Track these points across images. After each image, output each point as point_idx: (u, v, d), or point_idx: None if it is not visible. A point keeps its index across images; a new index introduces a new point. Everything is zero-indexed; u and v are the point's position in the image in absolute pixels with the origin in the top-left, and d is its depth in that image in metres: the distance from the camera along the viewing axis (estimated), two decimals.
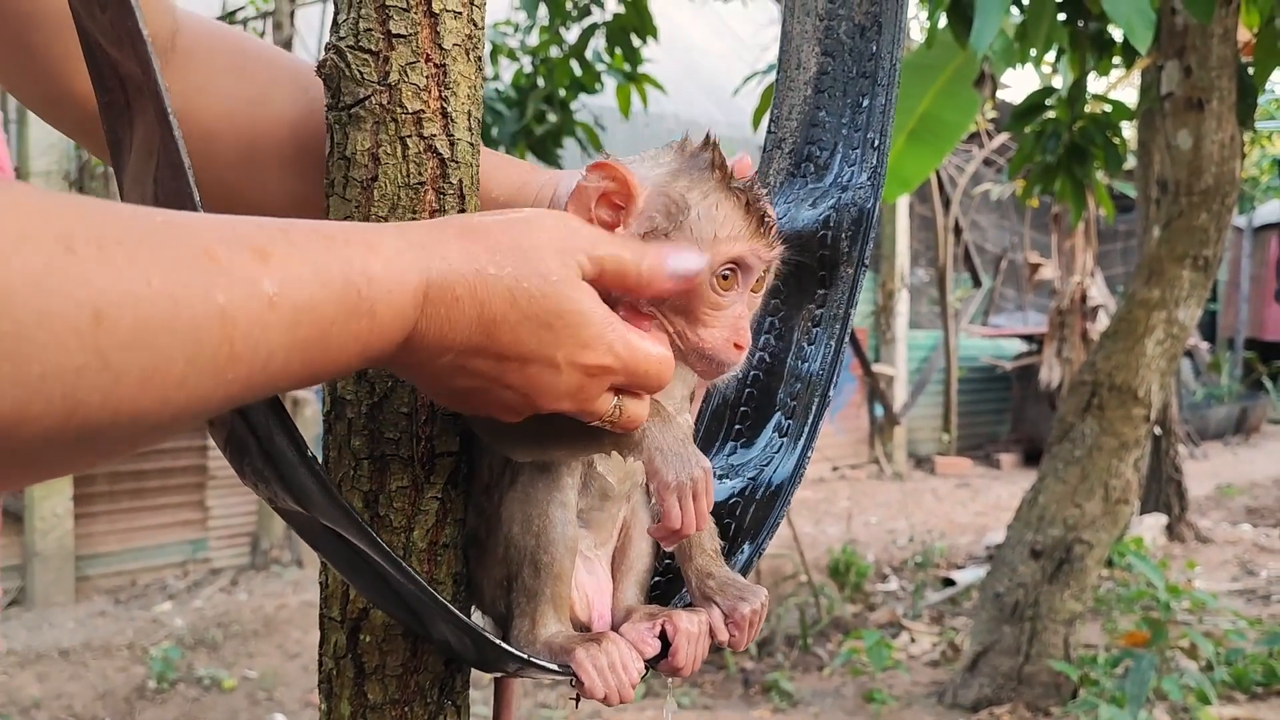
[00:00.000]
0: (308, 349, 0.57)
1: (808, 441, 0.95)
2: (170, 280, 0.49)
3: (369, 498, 0.82)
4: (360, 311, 0.59)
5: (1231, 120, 3.66)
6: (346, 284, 0.58)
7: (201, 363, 0.51)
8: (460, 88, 0.82)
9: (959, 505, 8.59)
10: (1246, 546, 6.77)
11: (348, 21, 0.80)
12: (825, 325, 0.98)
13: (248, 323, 0.53)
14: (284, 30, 6.03)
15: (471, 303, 0.64)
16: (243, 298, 0.53)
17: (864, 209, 0.98)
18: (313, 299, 0.57)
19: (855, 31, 1.03)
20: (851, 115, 1.02)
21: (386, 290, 0.60)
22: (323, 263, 0.58)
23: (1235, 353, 14.19)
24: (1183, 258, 3.79)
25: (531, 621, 0.82)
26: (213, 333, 0.51)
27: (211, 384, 0.52)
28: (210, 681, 4.57)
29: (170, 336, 0.49)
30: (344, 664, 0.85)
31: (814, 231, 1.00)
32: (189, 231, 0.53)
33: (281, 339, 0.55)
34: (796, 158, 1.05)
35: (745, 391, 1.01)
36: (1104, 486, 3.93)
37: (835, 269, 0.99)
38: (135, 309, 0.47)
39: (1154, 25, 2.65)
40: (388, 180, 0.80)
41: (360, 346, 0.61)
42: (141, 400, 0.48)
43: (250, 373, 0.54)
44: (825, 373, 0.97)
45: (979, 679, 4.06)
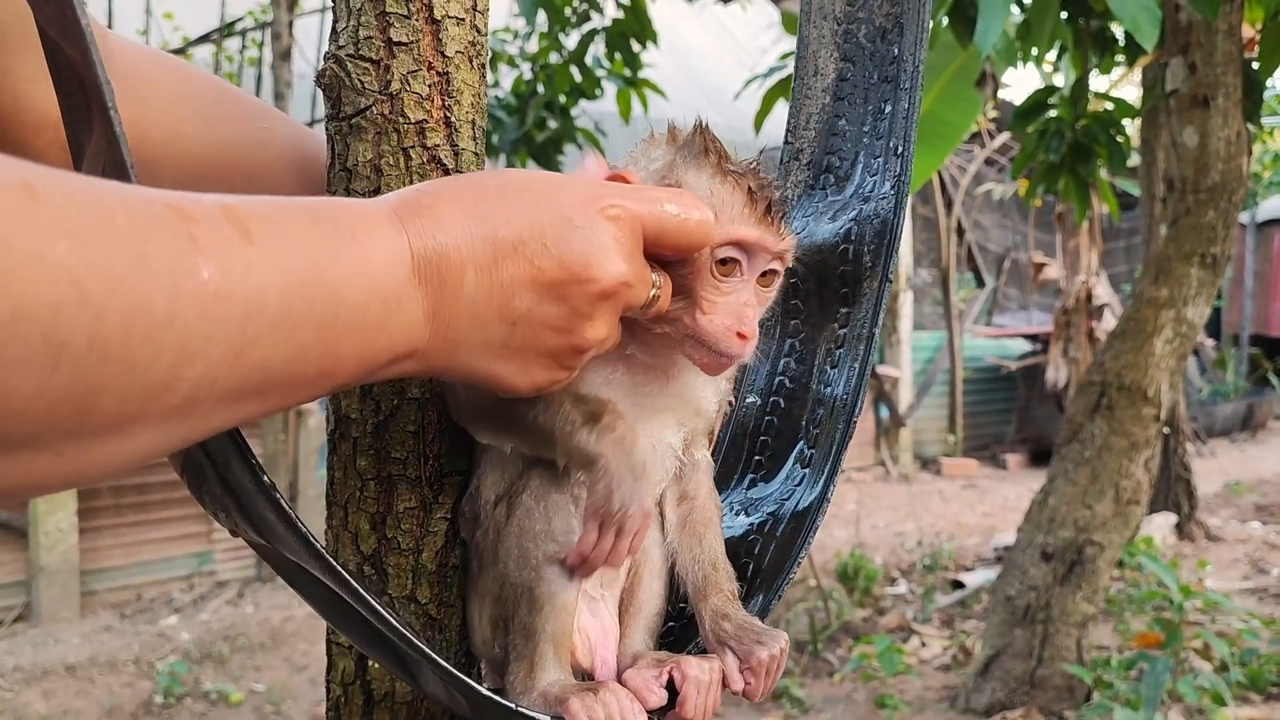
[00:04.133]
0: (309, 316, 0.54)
1: (831, 472, 0.89)
2: (139, 216, 0.47)
3: (376, 519, 0.80)
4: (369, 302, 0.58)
5: (1237, 116, 3.63)
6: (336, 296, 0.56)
7: (184, 301, 0.47)
8: (464, 96, 0.80)
9: (966, 507, 8.55)
10: (1257, 544, 6.73)
11: (347, 29, 0.78)
12: (849, 346, 0.93)
13: (226, 259, 0.50)
14: (283, 40, 6.02)
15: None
16: (218, 242, 0.50)
17: (887, 220, 0.93)
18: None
19: (876, 35, 0.99)
20: (873, 122, 0.97)
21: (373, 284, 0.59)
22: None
23: (1240, 349, 14.13)
24: (1190, 256, 3.76)
25: (529, 666, 0.76)
26: (190, 261, 0.48)
27: (202, 330, 0.48)
28: (217, 696, 4.54)
29: (145, 270, 0.45)
30: (352, 690, 0.83)
31: (834, 246, 0.95)
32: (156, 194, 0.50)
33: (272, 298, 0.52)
34: (815, 169, 1.00)
35: (765, 419, 0.95)
36: (1115, 487, 3.89)
37: (858, 285, 0.94)
38: (105, 241, 0.44)
39: (1159, 22, 2.63)
40: (390, 192, 0.78)
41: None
42: (131, 345, 0.45)
43: (241, 319, 0.50)
44: (850, 396, 0.91)
45: (991, 683, 4.03)
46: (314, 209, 0.58)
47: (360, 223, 0.59)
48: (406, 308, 0.60)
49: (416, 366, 0.63)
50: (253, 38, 7.04)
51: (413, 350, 0.61)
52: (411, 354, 0.61)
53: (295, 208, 0.57)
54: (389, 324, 0.59)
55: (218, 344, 0.49)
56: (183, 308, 0.47)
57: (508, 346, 0.64)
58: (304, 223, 0.56)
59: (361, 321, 0.57)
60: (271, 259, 0.52)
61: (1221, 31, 3.54)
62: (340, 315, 0.56)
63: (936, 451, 10.83)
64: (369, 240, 0.59)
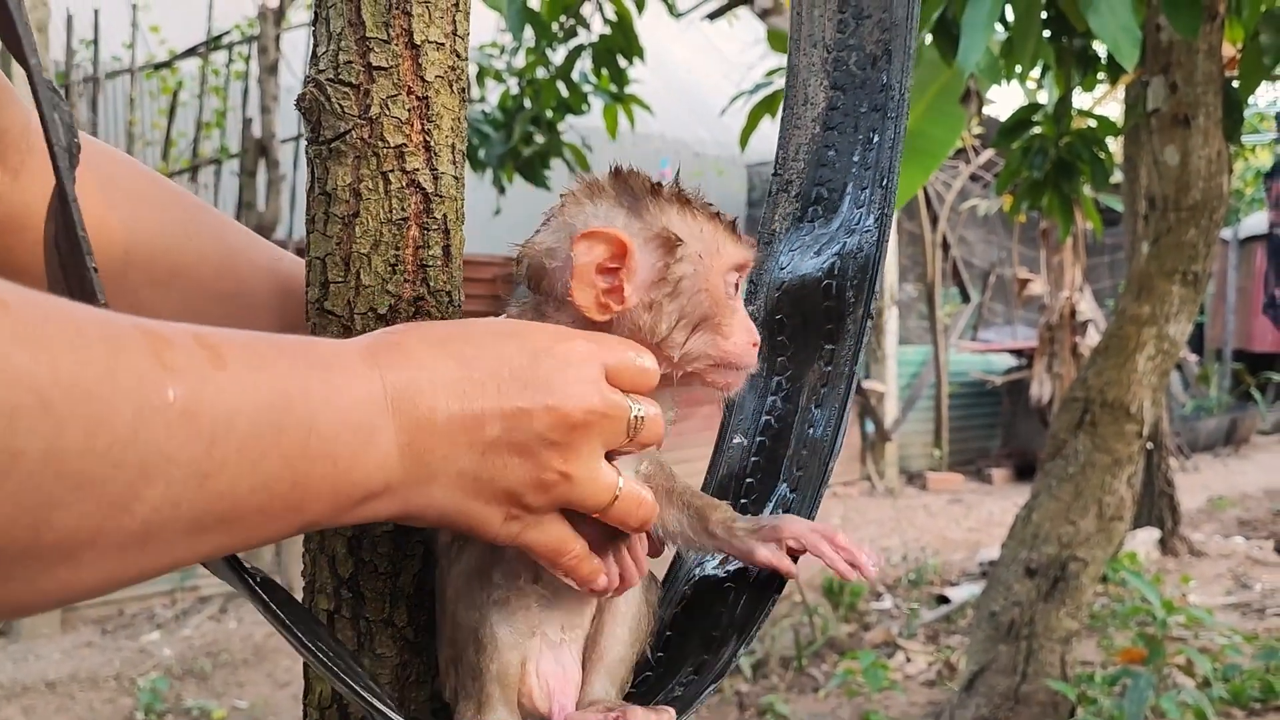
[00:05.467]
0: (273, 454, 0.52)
1: (808, 513, 0.87)
2: (108, 333, 0.46)
3: (352, 543, 0.80)
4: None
5: (1218, 136, 3.67)
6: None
7: (149, 418, 0.45)
8: (443, 120, 0.80)
9: (952, 521, 8.56)
10: (1240, 559, 6.76)
11: (327, 54, 0.78)
12: (832, 384, 0.91)
13: (195, 384, 0.48)
14: (269, 54, 6.02)
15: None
16: (188, 363, 0.49)
17: (870, 255, 0.92)
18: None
19: (866, 62, 0.97)
20: (863, 152, 0.96)
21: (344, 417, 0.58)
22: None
23: (1223, 364, 14.23)
24: (1172, 273, 3.79)
25: (476, 707, 0.75)
26: (157, 379, 0.46)
27: (166, 449, 0.46)
28: (199, 712, 4.51)
29: (111, 384, 0.44)
30: (329, 714, 0.82)
31: (818, 281, 0.94)
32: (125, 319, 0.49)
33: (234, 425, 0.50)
34: (804, 201, 0.99)
35: (751, 460, 0.93)
36: (1098, 503, 3.91)
37: (841, 321, 0.92)
38: (72, 353, 0.43)
39: (1140, 43, 2.65)
40: (370, 216, 0.78)
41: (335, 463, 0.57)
42: (89, 459, 0.43)
43: (210, 443, 0.48)
44: (830, 437, 0.89)
45: (976, 699, 4.03)
46: (287, 342, 0.58)
47: (333, 355, 0.59)
48: (379, 440, 0.58)
49: (391, 506, 0.61)
50: (239, 51, 7.04)
51: (386, 485, 0.60)
52: (385, 489, 0.60)
53: (267, 339, 0.56)
54: (361, 456, 0.58)
55: (181, 465, 0.47)
56: (147, 425, 0.45)
57: (479, 479, 0.63)
58: (276, 352, 0.55)
59: (333, 452, 0.56)
60: (242, 384, 0.51)
61: (1202, 51, 3.57)
62: (311, 444, 0.54)
63: (922, 466, 10.85)
64: (342, 371, 0.58)
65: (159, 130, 7.01)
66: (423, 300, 0.79)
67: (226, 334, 0.53)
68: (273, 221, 6.06)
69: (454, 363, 0.63)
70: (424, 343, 0.63)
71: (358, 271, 0.78)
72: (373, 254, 0.78)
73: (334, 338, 0.78)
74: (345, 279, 0.78)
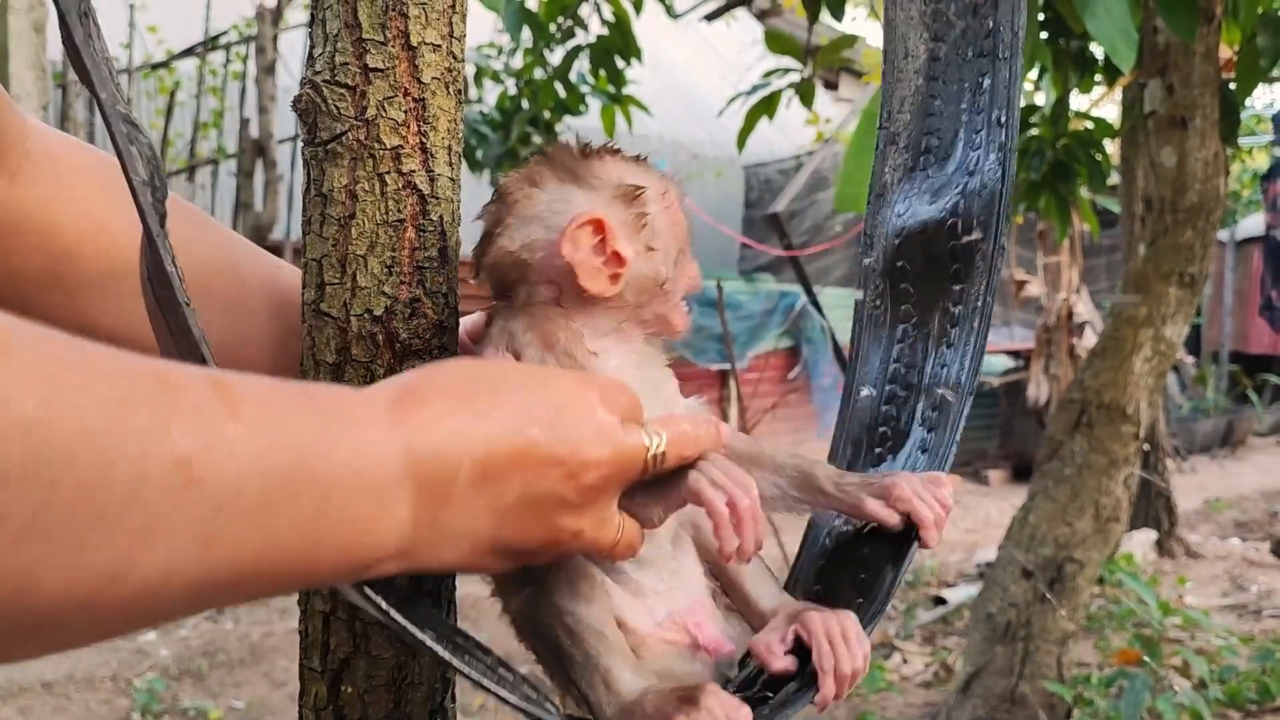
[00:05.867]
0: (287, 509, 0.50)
1: (947, 454, 0.87)
2: (119, 383, 0.43)
3: None
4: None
5: (1215, 138, 3.67)
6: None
7: (151, 482, 0.42)
8: (440, 122, 0.80)
9: (949, 523, 8.54)
10: (1236, 561, 6.77)
11: (323, 55, 0.78)
12: (963, 323, 0.91)
13: (202, 436, 0.45)
14: (267, 55, 6.02)
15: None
16: (201, 418, 0.45)
17: (995, 190, 0.92)
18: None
19: (966, 10, 0.97)
20: (971, 98, 0.96)
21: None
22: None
23: (1220, 366, 14.24)
24: (1169, 275, 3.80)
25: (605, 687, 0.70)
26: (165, 438, 0.43)
27: (166, 514, 0.43)
28: (196, 713, 4.51)
29: (114, 443, 0.41)
30: (325, 716, 0.82)
31: (941, 222, 0.94)
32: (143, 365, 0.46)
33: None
34: (914, 151, 0.99)
35: (882, 410, 0.93)
36: (1095, 505, 3.91)
37: (970, 259, 0.92)
38: (74, 408, 0.40)
39: (1137, 45, 2.65)
40: (366, 218, 0.78)
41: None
42: (80, 524, 0.40)
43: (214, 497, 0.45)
44: (968, 374, 0.89)
45: (972, 700, 4.03)
46: (309, 393, 0.55)
47: (357, 411, 0.57)
48: (397, 508, 0.56)
49: (398, 567, 0.59)
50: (237, 51, 7.05)
51: (399, 551, 0.57)
52: (397, 554, 0.58)
53: (289, 389, 0.54)
54: (379, 524, 0.55)
55: (182, 533, 0.44)
56: (148, 488, 0.42)
57: (494, 542, 0.62)
58: (296, 405, 0.52)
59: (348, 520, 0.53)
60: (257, 443, 0.48)
61: (1199, 53, 3.58)
62: (326, 512, 0.52)
63: None
64: (365, 430, 0.55)
65: (156, 130, 7.01)
66: (419, 302, 0.79)
67: (246, 383, 0.50)
68: (270, 222, 6.06)
69: (480, 423, 0.60)
70: (450, 398, 0.61)
71: (354, 273, 0.78)
72: (369, 255, 0.78)
73: (330, 340, 0.79)
74: (341, 280, 0.78)
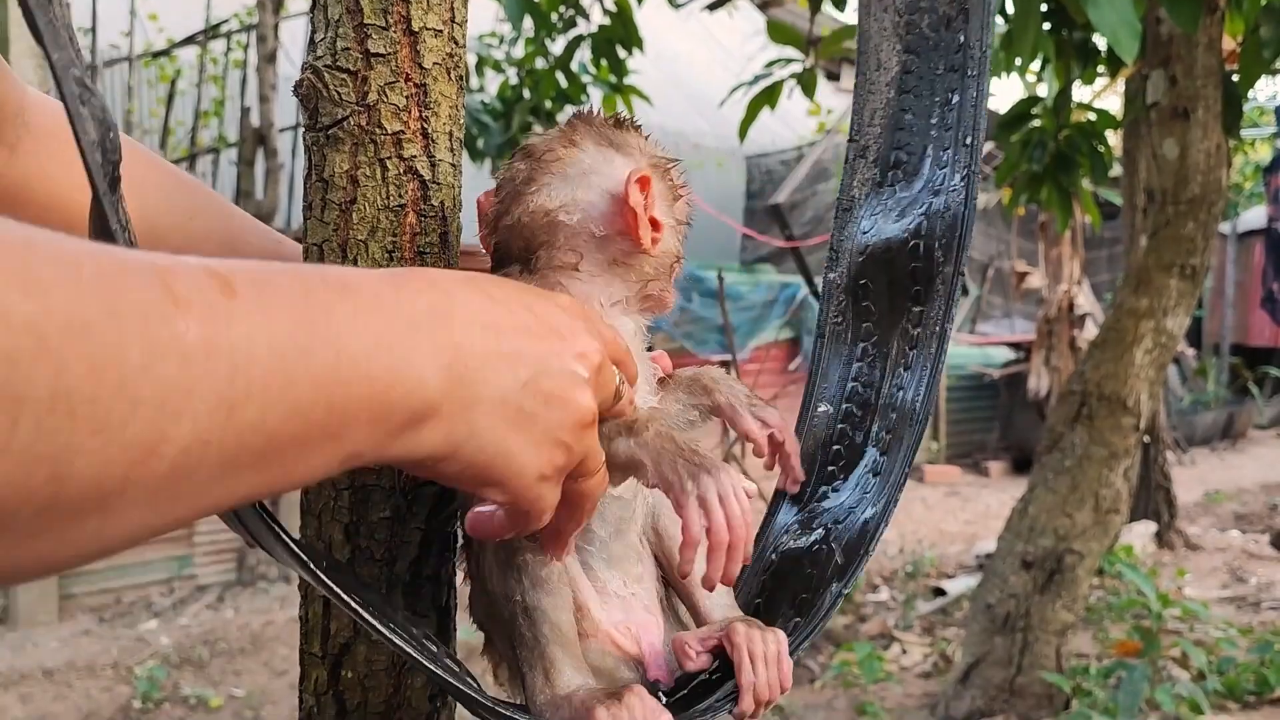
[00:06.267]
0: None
1: (900, 479, 0.87)
2: (108, 266, 0.42)
3: (350, 529, 0.80)
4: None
5: (1217, 129, 3.67)
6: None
7: (161, 350, 0.42)
8: (441, 108, 0.80)
9: (949, 514, 8.58)
10: (1235, 553, 6.78)
11: (325, 40, 0.78)
12: (921, 345, 0.91)
13: (206, 306, 0.45)
14: (268, 43, 6.01)
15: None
16: (198, 294, 0.45)
17: (958, 213, 0.92)
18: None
19: (940, 24, 0.97)
20: (941, 113, 0.96)
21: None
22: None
23: (1221, 359, 14.24)
24: (1170, 267, 3.79)
25: (544, 676, 0.72)
26: (165, 310, 0.43)
27: (184, 384, 0.43)
28: (196, 700, 4.52)
29: (114, 319, 0.41)
30: (325, 700, 0.82)
31: (904, 242, 0.93)
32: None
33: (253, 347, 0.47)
34: (883, 165, 0.98)
35: (838, 427, 0.92)
36: (1094, 496, 3.92)
37: (930, 281, 0.91)
38: (68, 289, 0.40)
39: (1140, 35, 2.65)
40: (367, 203, 0.78)
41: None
42: (101, 399, 0.40)
43: (230, 374, 0.45)
44: (922, 399, 0.89)
45: (971, 691, 4.04)
46: (300, 268, 0.55)
47: (353, 277, 0.56)
48: (416, 357, 0.55)
49: (436, 434, 0.57)
50: (238, 40, 7.03)
51: (428, 405, 0.56)
52: (428, 411, 0.56)
53: (281, 267, 0.53)
54: (400, 372, 0.54)
55: (204, 399, 0.44)
56: (160, 358, 0.42)
57: (522, 410, 0.61)
58: (290, 277, 0.52)
59: (368, 372, 0.53)
60: (258, 310, 0.48)
61: (1202, 45, 3.57)
62: (342, 365, 0.51)
63: (919, 459, 10.85)
64: (365, 291, 0.55)
65: (157, 119, 7.00)
66: None
67: (237, 263, 0.50)
68: (270, 211, 6.05)
69: (483, 298, 0.61)
70: (447, 277, 0.61)
71: (355, 258, 0.78)
72: (370, 240, 0.78)
73: None
74: (342, 265, 0.78)
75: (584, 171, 0.78)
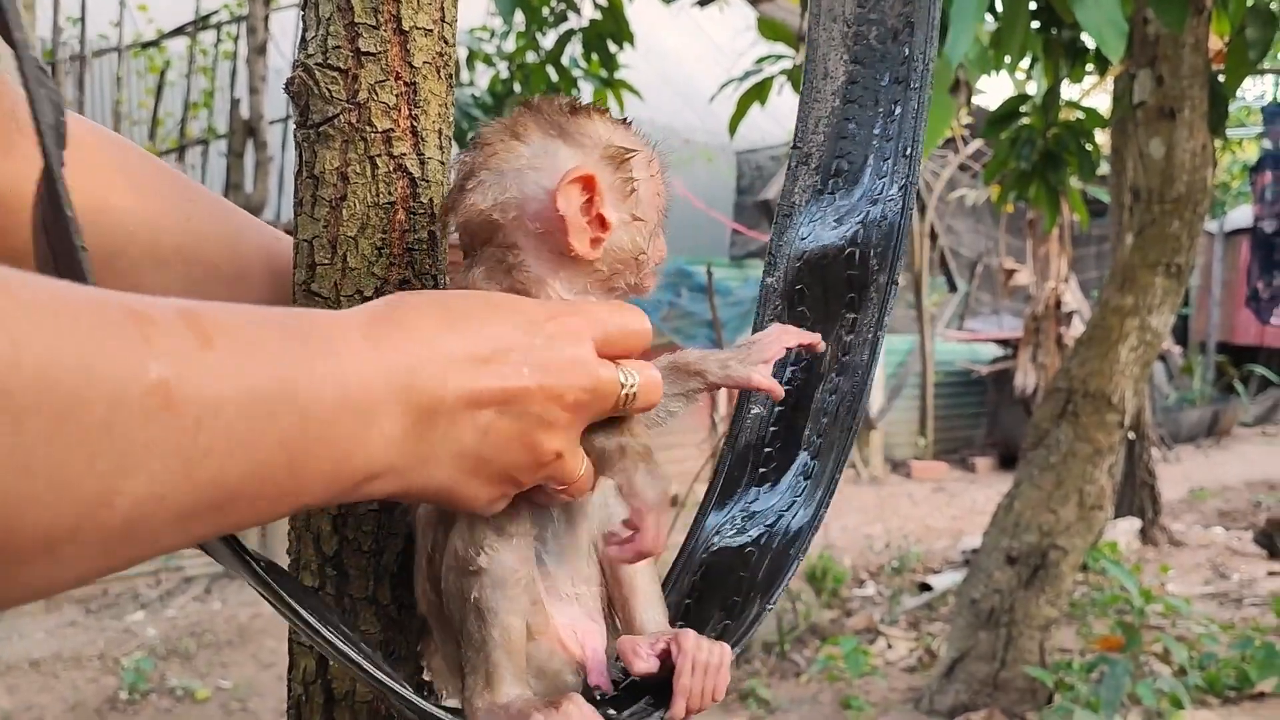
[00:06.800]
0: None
1: (830, 484, 0.87)
2: (84, 312, 0.42)
3: (337, 521, 0.81)
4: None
5: (1203, 129, 3.69)
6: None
7: (126, 407, 0.42)
8: (430, 106, 0.81)
9: (935, 510, 8.62)
10: (1219, 550, 6.83)
11: (316, 39, 0.79)
12: (854, 352, 0.91)
13: (182, 365, 0.45)
14: (258, 35, 5.99)
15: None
16: (172, 344, 0.45)
17: (894, 223, 0.91)
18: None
19: (887, 36, 0.97)
20: (884, 124, 0.96)
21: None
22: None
23: (1207, 356, 14.33)
24: (1155, 265, 3.82)
25: (485, 680, 0.72)
26: (137, 363, 0.43)
27: (145, 439, 0.43)
28: (183, 692, 4.52)
29: (83, 371, 0.40)
30: (313, 690, 0.84)
31: (840, 250, 0.93)
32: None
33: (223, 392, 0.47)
34: (824, 173, 0.98)
35: (770, 430, 0.93)
36: (1079, 493, 3.95)
37: (865, 289, 0.92)
38: (38, 338, 0.39)
39: (1126, 35, 2.67)
40: (357, 199, 0.79)
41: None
42: (57, 455, 0.40)
43: (195, 423, 0.45)
44: (852, 405, 0.89)
45: (955, 685, 4.07)
46: (281, 318, 0.55)
47: (331, 331, 0.56)
48: (382, 422, 0.56)
49: (389, 486, 0.59)
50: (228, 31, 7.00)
51: (388, 467, 0.58)
52: (387, 471, 0.58)
53: (261, 315, 0.53)
54: (363, 439, 0.55)
55: (164, 455, 0.44)
56: (124, 413, 0.42)
57: (479, 458, 0.62)
58: (270, 330, 0.52)
59: (333, 436, 0.53)
60: (231, 365, 0.47)
61: (1188, 45, 3.60)
62: (309, 429, 0.52)
63: (907, 454, 10.91)
64: (342, 350, 0.55)
65: (146, 110, 6.98)
66: (408, 284, 0.80)
67: (216, 310, 0.50)
68: (260, 203, 6.04)
69: (455, 338, 0.61)
70: (424, 317, 0.62)
71: (344, 254, 0.79)
72: (359, 237, 0.79)
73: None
74: (332, 261, 0.79)
75: (520, 167, 0.74)
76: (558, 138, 0.75)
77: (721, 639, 0.80)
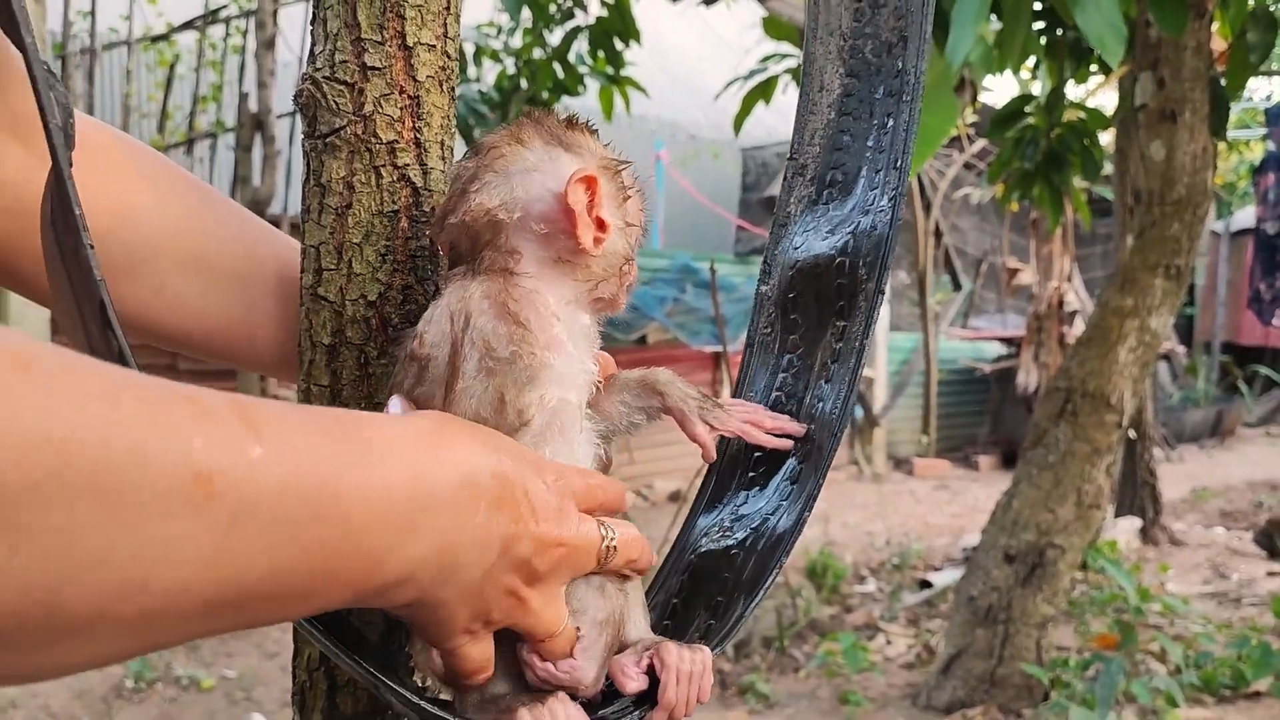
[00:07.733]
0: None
1: (814, 489, 0.88)
2: (145, 399, 0.43)
3: None
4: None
5: (1204, 132, 3.71)
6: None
7: (174, 498, 0.42)
8: (433, 119, 0.84)
9: (937, 507, 8.64)
10: (1219, 549, 6.85)
11: (324, 53, 0.82)
12: (842, 359, 0.92)
13: (228, 464, 0.45)
14: (267, 29, 6.03)
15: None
16: (222, 436, 0.45)
17: (883, 234, 0.93)
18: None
19: (882, 49, 0.99)
20: (877, 136, 0.98)
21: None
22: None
23: (1212, 357, 14.32)
24: (1155, 267, 3.85)
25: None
26: (188, 461, 0.43)
27: (186, 530, 0.43)
28: (189, 681, 4.56)
29: (137, 458, 0.41)
30: (317, 676, 0.87)
31: (831, 259, 0.95)
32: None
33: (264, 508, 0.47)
34: (819, 184, 1.00)
35: None
36: (1077, 492, 3.98)
37: (854, 298, 0.93)
38: (101, 423, 0.40)
39: (1125, 39, 2.69)
40: (362, 208, 0.82)
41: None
42: (103, 538, 0.40)
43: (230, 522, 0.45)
44: (839, 411, 0.90)
45: (952, 681, 4.10)
46: (335, 418, 0.55)
47: (388, 442, 0.56)
48: (420, 538, 0.56)
49: (404, 597, 0.58)
50: (237, 25, 7.04)
51: (411, 579, 0.57)
52: (407, 582, 0.57)
53: (312, 413, 0.54)
54: (397, 552, 0.55)
55: (198, 549, 0.44)
56: (170, 505, 0.42)
57: (480, 594, 0.63)
58: (320, 429, 0.52)
59: (366, 547, 0.53)
60: (278, 467, 0.47)
61: (1189, 48, 3.62)
62: (342, 540, 0.51)
63: (909, 452, 10.93)
64: (393, 461, 0.55)
65: (155, 103, 7.02)
66: (411, 289, 0.84)
67: (266, 407, 0.50)
68: (268, 196, 6.08)
69: (494, 460, 0.62)
70: (468, 430, 0.63)
71: (350, 260, 0.82)
72: (364, 244, 0.82)
73: (327, 323, 0.83)
74: (338, 267, 0.82)
75: (527, 169, 0.77)
76: (558, 146, 0.78)
77: (706, 639, 0.83)
